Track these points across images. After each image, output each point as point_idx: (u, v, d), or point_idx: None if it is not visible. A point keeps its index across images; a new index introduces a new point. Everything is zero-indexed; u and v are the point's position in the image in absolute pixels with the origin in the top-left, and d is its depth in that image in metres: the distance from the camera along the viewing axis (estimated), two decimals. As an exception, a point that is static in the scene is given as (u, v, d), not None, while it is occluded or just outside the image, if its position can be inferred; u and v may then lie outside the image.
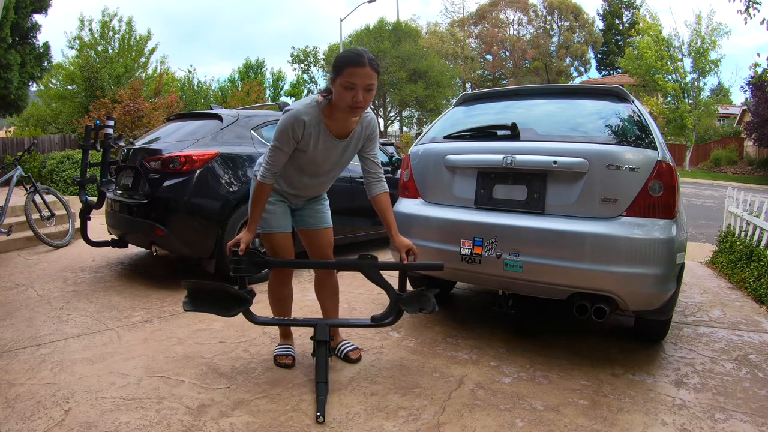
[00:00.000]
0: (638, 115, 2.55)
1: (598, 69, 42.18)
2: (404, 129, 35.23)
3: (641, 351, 2.64)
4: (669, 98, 24.09)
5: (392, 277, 2.38)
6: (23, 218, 5.09)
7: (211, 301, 2.18)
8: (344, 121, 2.13)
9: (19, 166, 5.28)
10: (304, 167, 2.22)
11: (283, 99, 25.77)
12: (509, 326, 2.95)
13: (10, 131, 17.92)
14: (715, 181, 19.83)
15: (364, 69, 1.97)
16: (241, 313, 2.21)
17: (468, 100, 3.16)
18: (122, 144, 4.31)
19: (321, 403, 1.95)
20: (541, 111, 2.88)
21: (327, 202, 2.45)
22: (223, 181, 3.69)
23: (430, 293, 2.24)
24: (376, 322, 2.27)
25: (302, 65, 30.24)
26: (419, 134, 9.06)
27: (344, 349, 2.45)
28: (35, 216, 5.23)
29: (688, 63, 23.72)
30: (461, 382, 2.24)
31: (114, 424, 1.85)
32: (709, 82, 28.13)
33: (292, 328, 2.52)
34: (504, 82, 41.08)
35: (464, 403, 2.05)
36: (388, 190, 2.32)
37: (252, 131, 4.06)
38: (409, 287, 2.39)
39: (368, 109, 2.22)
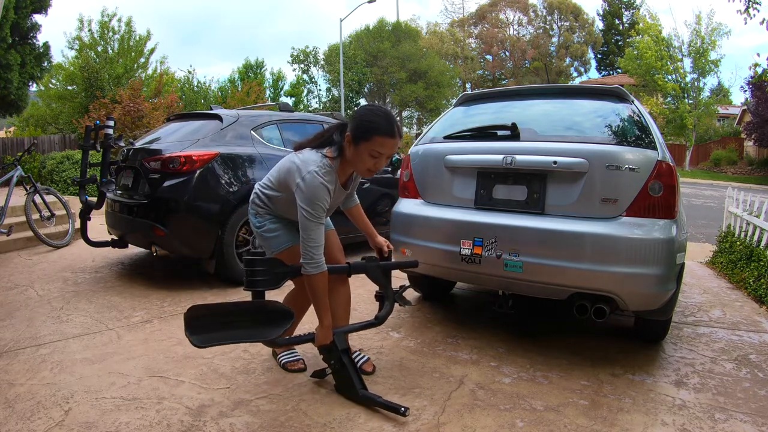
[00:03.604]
0: (638, 115, 2.55)
1: (598, 69, 42.23)
2: (404, 129, 35.24)
3: (641, 351, 2.64)
4: (669, 98, 24.10)
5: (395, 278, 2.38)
6: (23, 218, 5.09)
7: (233, 324, 1.86)
8: (348, 172, 2.11)
9: (19, 167, 5.29)
10: None
11: (283, 99, 25.75)
12: (509, 326, 2.95)
13: (10, 131, 17.93)
14: (715, 181, 19.83)
15: (394, 140, 1.93)
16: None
17: (468, 101, 3.16)
18: (122, 144, 4.31)
19: (388, 404, 1.91)
20: (541, 111, 2.88)
21: None
22: (223, 182, 3.69)
23: (400, 290, 2.35)
24: (381, 320, 2.28)
25: (302, 65, 30.24)
26: (419, 134, 9.07)
27: (358, 361, 2.34)
28: (35, 216, 5.23)
29: (688, 63, 23.75)
30: (461, 382, 2.24)
31: (114, 425, 1.85)
32: (709, 82, 28.08)
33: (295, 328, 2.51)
34: (504, 82, 41.09)
35: (464, 403, 2.05)
36: (358, 202, 2.40)
37: (252, 131, 4.06)
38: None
39: None
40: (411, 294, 3.37)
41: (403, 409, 1.89)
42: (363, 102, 30.75)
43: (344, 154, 2.00)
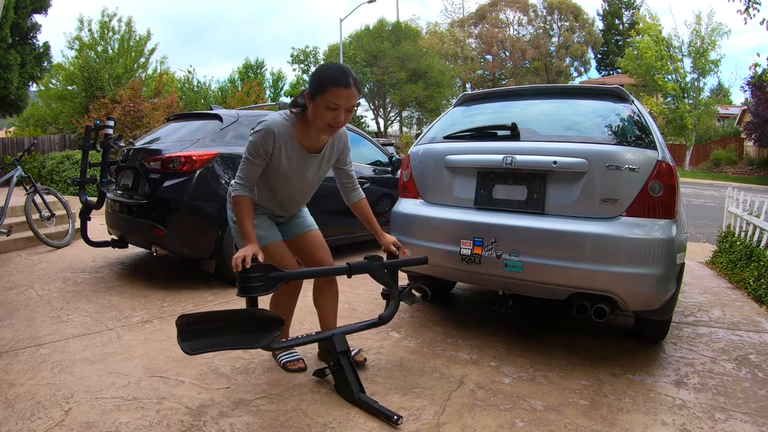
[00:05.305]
0: (638, 115, 2.55)
1: (598, 69, 42.25)
2: (404, 129, 35.23)
3: (641, 351, 2.64)
4: (669, 98, 24.11)
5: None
6: (23, 218, 5.09)
7: (224, 331, 1.83)
8: (317, 137, 2.09)
9: (19, 167, 5.29)
10: (278, 187, 2.15)
11: (283, 99, 25.76)
12: (509, 326, 2.95)
13: (10, 131, 17.94)
14: (715, 181, 19.83)
15: (349, 90, 1.91)
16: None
17: (468, 101, 3.16)
18: (122, 144, 4.32)
19: (382, 410, 1.90)
20: (541, 111, 2.88)
21: (306, 209, 2.41)
22: (223, 182, 3.68)
23: (408, 288, 2.41)
24: (384, 320, 2.25)
25: (302, 65, 30.24)
26: (419, 134, 9.07)
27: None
28: (35, 216, 5.24)
29: (688, 63, 23.76)
30: (461, 382, 2.24)
31: (114, 425, 1.85)
32: (709, 82, 28.19)
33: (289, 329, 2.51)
34: (504, 82, 41.08)
35: (464, 403, 2.05)
36: (364, 196, 2.36)
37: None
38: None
39: None
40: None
41: (395, 417, 1.86)
42: (362, 102, 30.76)
43: (306, 114, 2.01)
